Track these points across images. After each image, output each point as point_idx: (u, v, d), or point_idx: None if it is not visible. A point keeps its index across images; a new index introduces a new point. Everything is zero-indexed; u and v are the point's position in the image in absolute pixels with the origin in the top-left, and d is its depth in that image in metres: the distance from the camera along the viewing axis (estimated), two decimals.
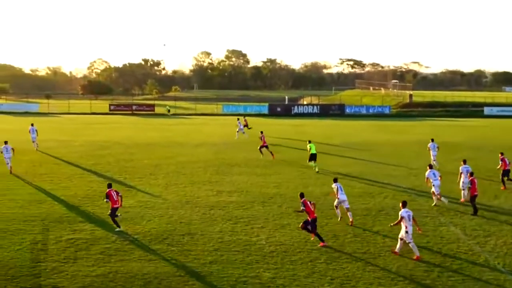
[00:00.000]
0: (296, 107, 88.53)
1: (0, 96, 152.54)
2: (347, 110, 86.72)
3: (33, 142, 39.27)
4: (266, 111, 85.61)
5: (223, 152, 38.80)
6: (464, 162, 24.31)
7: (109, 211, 19.01)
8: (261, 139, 36.12)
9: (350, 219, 20.03)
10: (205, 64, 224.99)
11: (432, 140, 33.21)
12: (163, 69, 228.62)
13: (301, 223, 17.97)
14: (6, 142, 30.97)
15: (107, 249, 16.97)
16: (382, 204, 23.09)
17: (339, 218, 20.38)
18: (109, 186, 19.63)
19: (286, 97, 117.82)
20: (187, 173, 30.03)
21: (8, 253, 16.47)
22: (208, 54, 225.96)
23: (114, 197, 18.92)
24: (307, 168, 31.64)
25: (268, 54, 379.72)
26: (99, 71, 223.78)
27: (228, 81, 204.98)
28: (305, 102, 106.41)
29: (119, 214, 19.44)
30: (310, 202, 17.84)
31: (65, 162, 33.61)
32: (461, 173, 23.81)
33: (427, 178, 23.13)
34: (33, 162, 33.33)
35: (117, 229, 18.84)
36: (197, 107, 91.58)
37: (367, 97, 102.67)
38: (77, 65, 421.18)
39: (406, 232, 16.29)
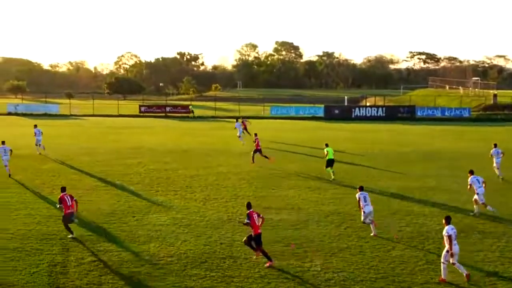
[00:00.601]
0: (357, 109, 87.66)
1: (16, 95, 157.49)
2: (419, 113, 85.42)
3: (37, 145, 41.56)
4: (321, 114, 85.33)
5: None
6: (495, 145, 32.50)
7: (62, 217, 20.44)
8: (255, 142, 37.84)
9: (374, 232, 20.97)
10: (251, 58, 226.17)
11: (495, 146, 33.12)
12: (202, 64, 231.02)
13: (245, 238, 18.45)
14: (3, 143, 33.13)
15: (136, 274, 17.12)
16: (461, 224, 22.48)
17: (372, 233, 21.02)
18: (63, 190, 20.90)
19: (346, 98, 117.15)
20: (229, 186, 30.11)
21: (23, 276, 16.81)
22: (254, 46, 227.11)
23: (68, 202, 20.38)
24: (370, 181, 31.25)
25: (325, 46, 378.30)
26: (127, 66, 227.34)
27: (277, 79, 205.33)
28: (368, 104, 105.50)
29: (75, 220, 20.71)
30: (258, 215, 18.34)
31: (88, 172, 34.23)
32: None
33: (470, 184, 24.24)
34: (52, 172, 34.10)
35: (70, 235, 20.18)
36: (240, 109, 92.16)
37: (442, 98, 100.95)
38: (103, 59, 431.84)
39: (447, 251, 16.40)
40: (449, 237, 16.27)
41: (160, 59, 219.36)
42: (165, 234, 21.12)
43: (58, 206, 20.73)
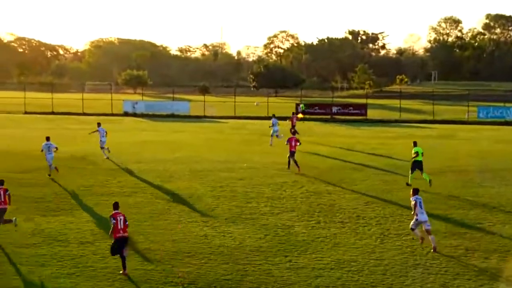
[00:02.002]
0: None
1: (135, 89, 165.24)
2: None
3: (102, 148, 47.22)
4: None
5: (474, 183, 37.99)
6: None
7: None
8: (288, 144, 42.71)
9: (433, 245, 24.44)
10: (451, 38, 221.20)
11: None
12: (383, 47, 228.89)
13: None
14: (47, 139, 39.84)
15: None
16: None
17: (420, 241, 24.78)
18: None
19: None
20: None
21: None
22: (456, 22, 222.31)
23: (1, 197, 25.58)
24: None
25: None
26: (281, 51, 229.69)
27: (488, 67, 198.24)
28: None
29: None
30: (122, 218, 21.77)
31: (228, 195, 35.32)
32: None
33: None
34: (186, 191, 35.56)
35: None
36: (435, 110, 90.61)
37: None
38: (249, 41, 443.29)
39: None
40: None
41: (325, 41, 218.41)
42: (328, 282, 21.37)
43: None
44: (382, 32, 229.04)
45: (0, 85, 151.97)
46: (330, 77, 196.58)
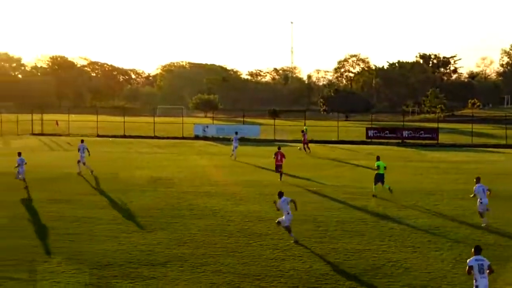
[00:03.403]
0: None
1: (205, 113, 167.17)
2: None
3: (79, 162, 51.22)
4: None
5: None
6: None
7: None
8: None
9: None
10: None
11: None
12: (454, 71, 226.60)
13: None
14: (19, 154, 44.20)
15: None
16: None
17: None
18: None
19: None
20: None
21: None
22: None
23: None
24: None
25: None
26: (351, 75, 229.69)
27: None
28: None
29: None
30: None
31: (299, 218, 35.29)
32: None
33: (474, 194, 32.50)
34: (258, 214, 35.70)
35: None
36: (508, 134, 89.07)
37: None
38: (320, 65, 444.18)
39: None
40: (470, 268, 19.91)
41: (396, 65, 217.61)
42: None
43: None
44: (453, 56, 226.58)
45: (74, 108, 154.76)
46: (401, 101, 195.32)
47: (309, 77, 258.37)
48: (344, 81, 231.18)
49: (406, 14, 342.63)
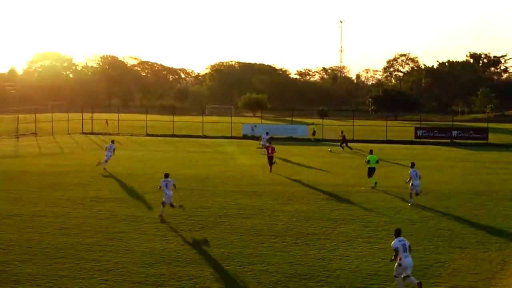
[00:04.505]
0: None
1: (254, 113, 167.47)
2: None
3: (105, 161, 53.01)
4: None
5: None
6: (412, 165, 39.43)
7: None
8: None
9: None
10: None
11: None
12: (505, 70, 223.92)
13: None
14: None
15: None
16: None
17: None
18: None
19: None
20: None
21: None
22: None
23: None
24: None
25: None
26: (401, 74, 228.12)
27: None
28: None
29: None
30: None
31: (347, 218, 35.27)
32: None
33: (410, 177, 38.47)
34: (306, 213, 35.71)
35: None
36: None
37: None
38: (369, 64, 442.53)
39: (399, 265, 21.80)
40: (396, 250, 21.92)
41: (446, 64, 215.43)
42: None
43: None
44: (504, 55, 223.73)
45: (123, 108, 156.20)
46: (450, 101, 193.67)
47: (358, 76, 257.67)
48: (393, 81, 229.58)
49: (456, 13, 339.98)
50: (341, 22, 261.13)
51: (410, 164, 40.21)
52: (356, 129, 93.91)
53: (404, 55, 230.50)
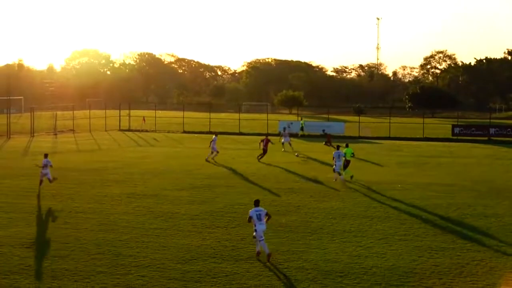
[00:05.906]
0: None
1: (290, 110, 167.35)
2: None
3: (212, 153, 58.04)
4: None
5: None
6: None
7: None
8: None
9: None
10: None
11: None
12: None
13: None
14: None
15: None
16: None
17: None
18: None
19: None
20: None
21: None
22: None
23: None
24: None
25: None
26: (438, 71, 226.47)
27: None
28: None
29: None
30: None
31: (383, 215, 35.16)
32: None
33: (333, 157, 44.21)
34: (342, 210, 35.65)
35: None
36: None
37: None
38: (406, 62, 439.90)
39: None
40: (250, 217, 26.00)
41: (484, 61, 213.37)
42: None
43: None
44: None
45: (161, 105, 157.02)
46: (488, 98, 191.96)
47: (395, 73, 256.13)
48: (430, 78, 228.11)
49: (494, 10, 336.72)
50: (378, 19, 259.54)
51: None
52: (392, 126, 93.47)
53: (441, 52, 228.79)
